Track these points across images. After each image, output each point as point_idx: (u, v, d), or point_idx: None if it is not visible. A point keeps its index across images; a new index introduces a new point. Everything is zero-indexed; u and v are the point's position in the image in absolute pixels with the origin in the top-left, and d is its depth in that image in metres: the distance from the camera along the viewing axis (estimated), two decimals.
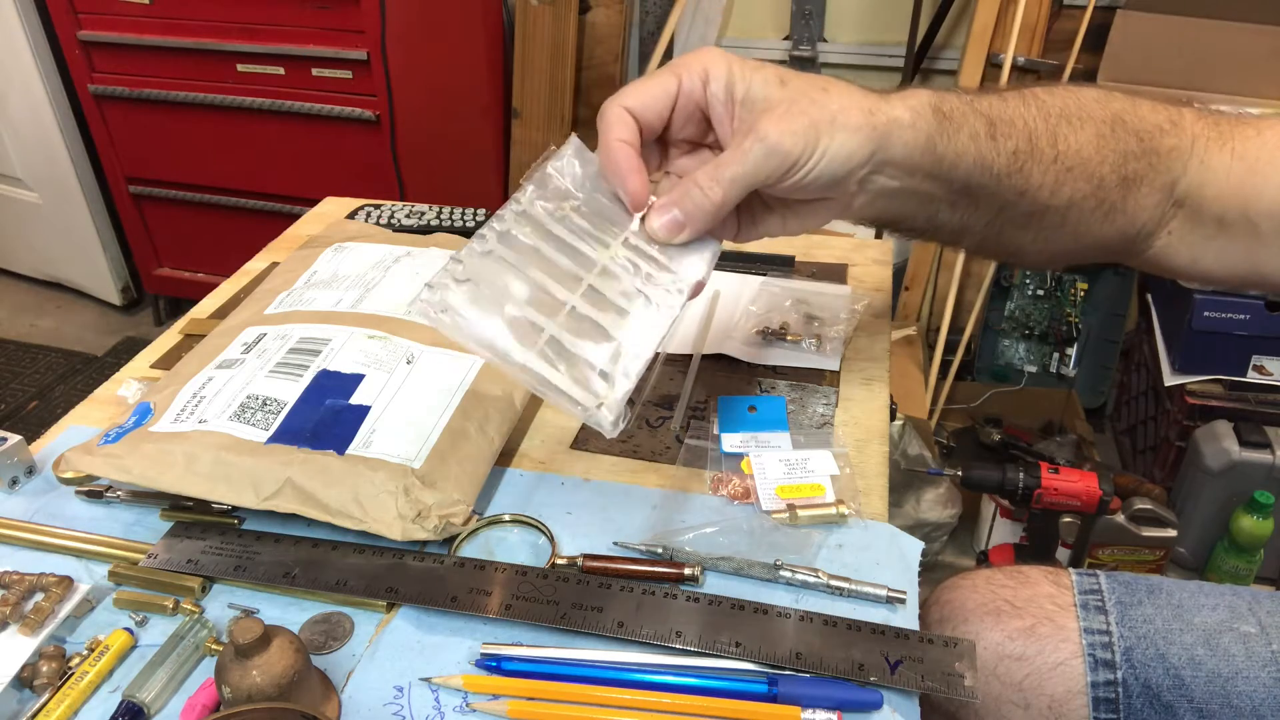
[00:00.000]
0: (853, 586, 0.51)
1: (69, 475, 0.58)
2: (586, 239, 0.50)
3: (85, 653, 0.48)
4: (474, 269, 0.47)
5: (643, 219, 0.52)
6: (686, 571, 0.52)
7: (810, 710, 0.45)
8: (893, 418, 0.67)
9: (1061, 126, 0.53)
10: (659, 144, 0.54)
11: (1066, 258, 0.60)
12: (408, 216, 0.90)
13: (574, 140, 0.53)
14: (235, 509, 0.57)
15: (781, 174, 0.48)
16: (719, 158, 0.49)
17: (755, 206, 0.55)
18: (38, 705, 0.46)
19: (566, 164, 0.52)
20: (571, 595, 0.50)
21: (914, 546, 0.55)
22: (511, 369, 0.46)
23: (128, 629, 0.49)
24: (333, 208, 0.98)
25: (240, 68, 1.86)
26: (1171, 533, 1.43)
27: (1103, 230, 0.56)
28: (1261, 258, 0.56)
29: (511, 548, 0.56)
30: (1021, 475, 1.24)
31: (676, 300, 0.50)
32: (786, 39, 1.91)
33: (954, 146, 0.51)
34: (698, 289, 0.52)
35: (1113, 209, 0.55)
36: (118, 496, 0.58)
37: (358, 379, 0.60)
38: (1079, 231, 0.56)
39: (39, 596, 0.51)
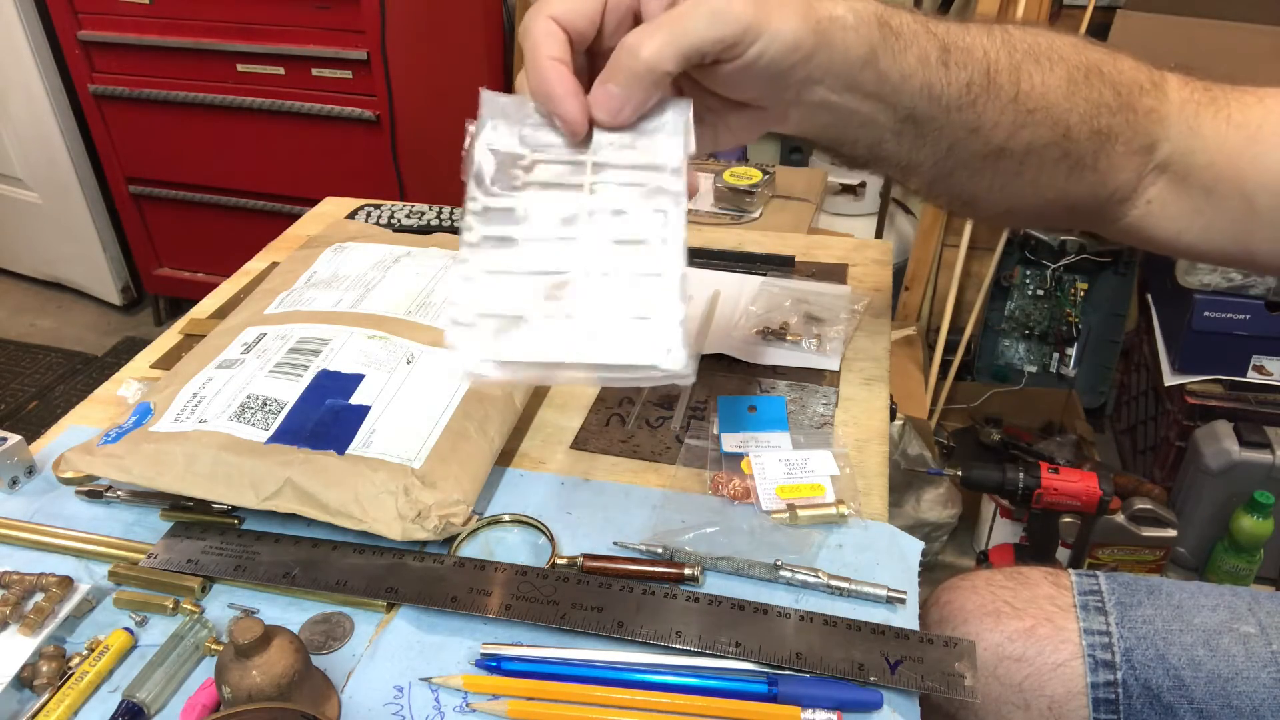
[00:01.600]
0: (853, 586, 0.51)
1: (69, 475, 0.58)
2: (558, 190, 0.45)
3: (85, 653, 0.48)
4: (469, 300, 0.42)
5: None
6: (686, 571, 0.52)
7: (810, 710, 0.45)
8: (893, 418, 0.67)
9: (1028, 64, 0.49)
10: (588, 56, 0.46)
11: (1027, 214, 0.56)
12: (408, 216, 0.90)
13: (484, 99, 0.47)
14: (235, 509, 0.57)
15: (725, 46, 0.42)
16: (655, 19, 0.42)
17: None
18: (38, 705, 0.46)
19: (491, 133, 0.46)
20: (571, 595, 0.50)
21: (914, 546, 0.55)
22: (565, 375, 0.41)
23: (128, 629, 0.49)
24: (333, 208, 0.98)
25: (240, 68, 1.86)
26: (1171, 533, 1.43)
27: (1069, 186, 0.53)
28: (1255, 235, 0.52)
29: (511, 548, 0.56)
30: (1021, 475, 1.24)
31: (673, 193, 0.43)
32: None
33: (899, 65, 0.47)
34: (693, 182, 0.45)
35: (1080, 163, 0.51)
36: (118, 496, 0.58)
37: (358, 379, 0.60)
38: (1040, 183, 0.52)
39: (39, 596, 0.51)
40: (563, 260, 0.43)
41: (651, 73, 0.42)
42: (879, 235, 1.76)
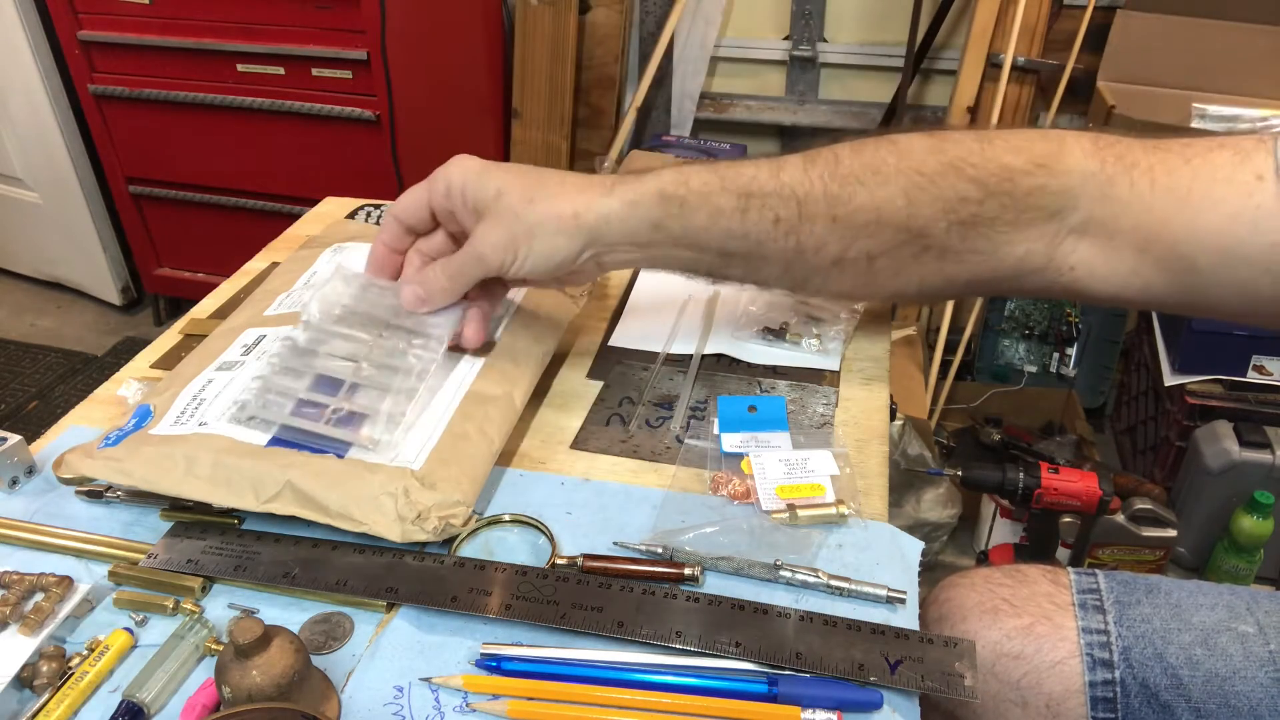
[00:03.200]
0: (853, 586, 0.51)
1: (69, 475, 0.58)
2: (361, 328, 0.62)
3: (85, 653, 0.48)
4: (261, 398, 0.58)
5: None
6: (686, 571, 0.52)
7: (810, 710, 0.45)
8: (893, 418, 0.67)
9: (851, 187, 0.54)
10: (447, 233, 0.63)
11: (921, 297, 0.60)
12: None
13: (338, 268, 0.66)
14: (235, 509, 0.57)
15: (493, 273, 0.58)
16: (452, 256, 0.60)
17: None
18: (38, 705, 0.46)
19: (331, 289, 0.64)
20: (571, 595, 0.50)
21: (914, 546, 0.55)
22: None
23: (128, 629, 0.49)
24: (333, 208, 0.98)
25: (240, 68, 1.86)
26: (1171, 533, 1.43)
27: (945, 271, 0.56)
28: (1205, 293, 0.53)
29: (511, 548, 0.56)
30: (1021, 475, 1.24)
31: (435, 349, 0.61)
32: (786, 39, 1.91)
33: (688, 224, 0.56)
34: (456, 337, 0.62)
35: (948, 251, 0.55)
36: (117, 496, 0.58)
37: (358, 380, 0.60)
38: (909, 274, 0.57)
39: (39, 596, 0.51)
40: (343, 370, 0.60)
41: (449, 295, 0.61)
42: None
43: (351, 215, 0.92)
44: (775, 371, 0.70)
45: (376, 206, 0.93)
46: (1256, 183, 0.49)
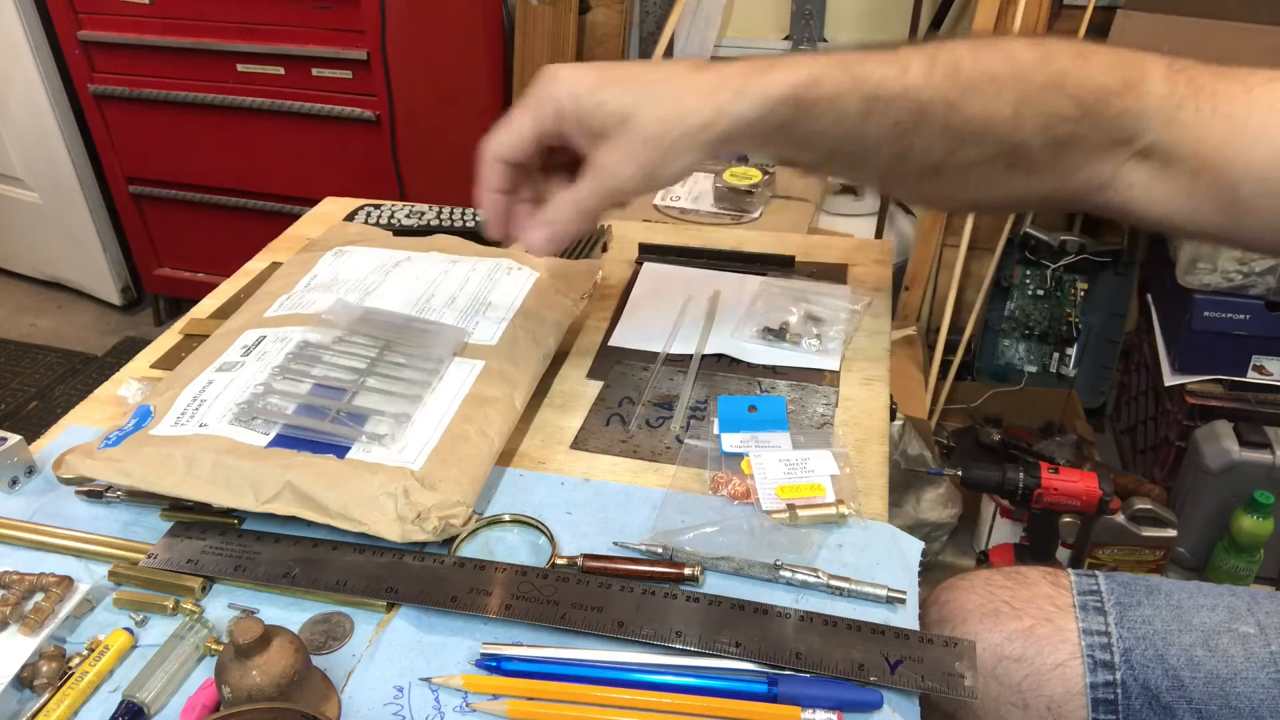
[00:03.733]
0: (853, 586, 0.51)
1: (69, 475, 0.58)
2: (363, 346, 0.64)
3: (85, 653, 0.48)
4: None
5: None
6: (686, 571, 0.52)
7: (810, 710, 0.45)
8: (893, 418, 0.67)
9: (969, 95, 0.52)
10: (541, 169, 0.59)
11: (992, 207, 0.63)
12: (408, 216, 0.90)
13: (332, 309, 0.67)
14: (235, 510, 0.57)
15: (629, 197, 0.55)
16: (578, 186, 0.55)
17: None
18: (38, 705, 0.46)
19: (331, 314, 0.66)
20: (571, 595, 0.50)
21: (914, 546, 0.55)
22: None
23: (128, 629, 0.49)
24: (333, 208, 0.98)
25: (240, 68, 1.86)
26: (1171, 533, 1.43)
27: (1029, 185, 0.56)
28: (1241, 221, 0.53)
29: (511, 548, 0.56)
30: (1021, 475, 1.24)
31: (437, 366, 0.62)
32: (786, 39, 1.91)
33: (813, 128, 0.53)
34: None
35: (1036, 167, 0.55)
36: (117, 496, 0.58)
37: (357, 382, 0.60)
38: (993, 187, 0.57)
39: (39, 596, 0.51)
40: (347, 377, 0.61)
41: (581, 230, 0.56)
42: (879, 235, 1.76)
43: (351, 215, 0.92)
44: (775, 371, 0.70)
45: (376, 207, 0.93)
46: None
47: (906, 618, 0.50)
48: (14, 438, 0.60)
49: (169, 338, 0.76)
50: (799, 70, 0.52)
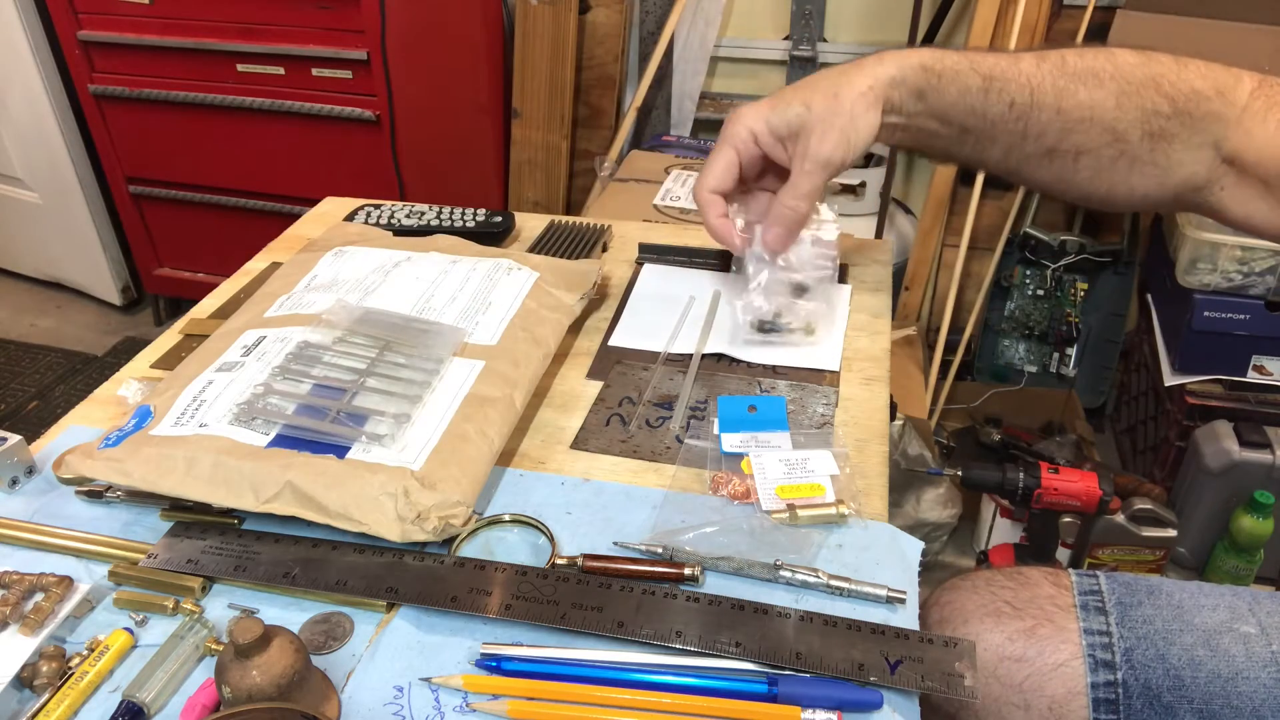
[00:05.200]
0: (853, 586, 0.51)
1: (69, 475, 0.58)
2: (363, 347, 0.65)
3: (85, 653, 0.48)
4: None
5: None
6: (686, 571, 0.52)
7: (810, 710, 0.45)
8: (893, 418, 0.67)
9: (1075, 84, 0.60)
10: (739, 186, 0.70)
11: (1106, 199, 0.65)
12: (408, 216, 0.90)
13: (332, 308, 0.68)
14: (235, 510, 0.57)
15: (837, 168, 0.64)
16: (793, 178, 0.65)
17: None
18: (38, 705, 0.46)
19: (332, 315, 0.67)
20: (571, 595, 0.50)
21: (914, 546, 0.55)
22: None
23: (128, 629, 0.49)
24: (333, 208, 0.98)
25: (240, 68, 1.86)
26: (1171, 533, 1.43)
27: (1133, 178, 0.62)
28: None
29: (511, 548, 0.56)
30: (1021, 475, 1.24)
31: (437, 366, 0.63)
32: (786, 39, 1.91)
33: (943, 98, 0.62)
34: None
35: (1138, 159, 0.61)
36: (117, 496, 0.58)
37: (357, 382, 0.60)
38: (1102, 176, 0.63)
39: (39, 596, 0.51)
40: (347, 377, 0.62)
41: (807, 217, 0.67)
42: (879, 235, 1.76)
43: (351, 215, 0.92)
44: (775, 371, 0.70)
45: (376, 207, 0.93)
46: None
47: (906, 618, 0.50)
48: (14, 438, 0.60)
49: (169, 338, 0.76)
50: (924, 51, 0.63)
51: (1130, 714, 0.58)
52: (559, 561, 0.53)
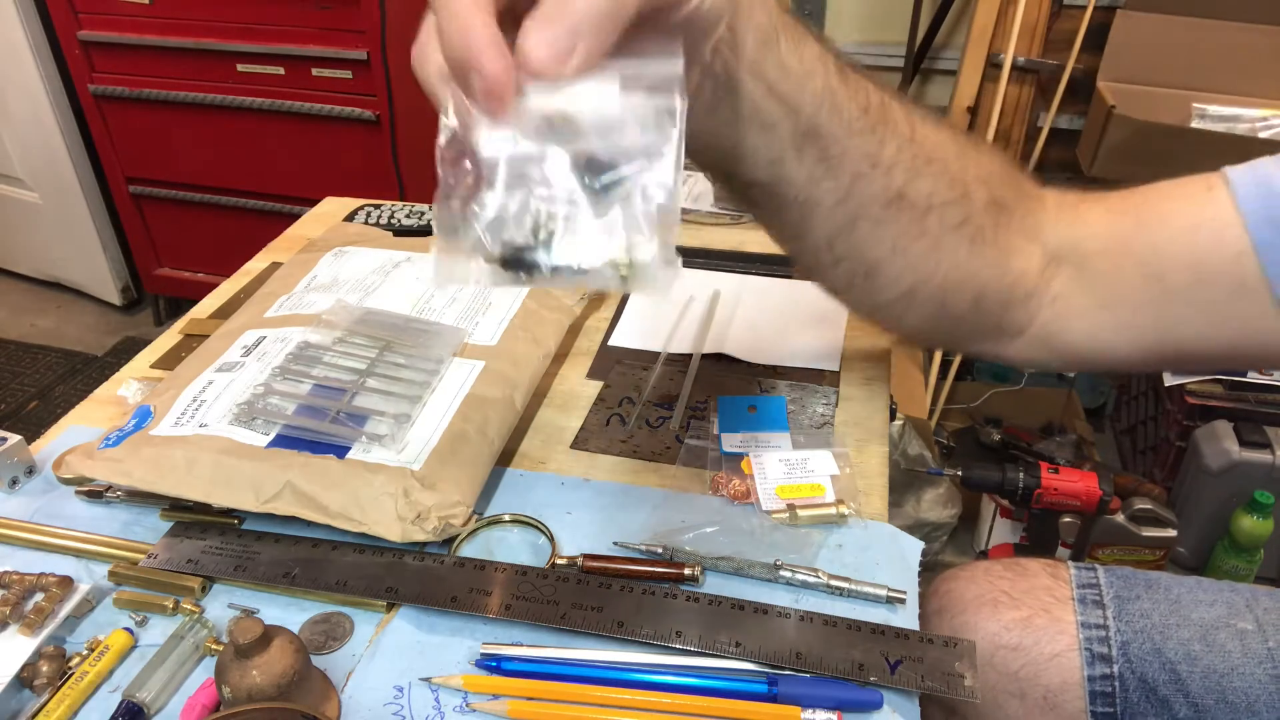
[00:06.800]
0: (853, 586, 0.51)
1: (69, 475, 0.58)
2: (363, 347, 0.64)
3: (85, 653, 0.48)
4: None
5: None
6: (686, 571, 0.52)
7: (810, 710, 0.45)
8: (893, 418, 0.67)
9: (916, 117, 0.47)
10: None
11: (930, 296, 0.50)
12: (408, 216, 0.90)
13: (333, 309, 0.67)
14: (235, 509, 0.57)
15: None
16: None
17: None
18: (38, 705, 0.46)
19: (332, 315, 0.66)
20: (571, 595, 0.50)
21: (914, 546, 0.55)
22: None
23: (128, 629, 0.49)
24: (333, 208, 0.98)
25: (240, 68, 1.86)
26: (1171, 533, 1.43)
27: (972, 261, 0.49)
28: (1176, 320, 0.49)
29: (511, 548, 0.56)
30: (1021, 475, 1.24)
31: (437, 366, 0.63)
32: None
33: (799, 54, 0.42)
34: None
35: (980, 234, 0.48)
36: (117, 496, 0.58)
37: (357, 382, 0.60)
38: (943, 252, 0.48)
39: (39, 596, 0.51)
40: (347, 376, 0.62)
41: (617, 12, 0.32)
42: None
43: (351, 216, 0.92)
44: (775, 371, 0.70)
45: (376, 207, 0.93)
46: (1207, 193, 0.47)
47: (906, 618, 0.50)
48: (14, 438, 0.60)
49: (169, 338, 0.76)
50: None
51: (1126, 706, 0.58)
52: (559, 561, 0.53)
